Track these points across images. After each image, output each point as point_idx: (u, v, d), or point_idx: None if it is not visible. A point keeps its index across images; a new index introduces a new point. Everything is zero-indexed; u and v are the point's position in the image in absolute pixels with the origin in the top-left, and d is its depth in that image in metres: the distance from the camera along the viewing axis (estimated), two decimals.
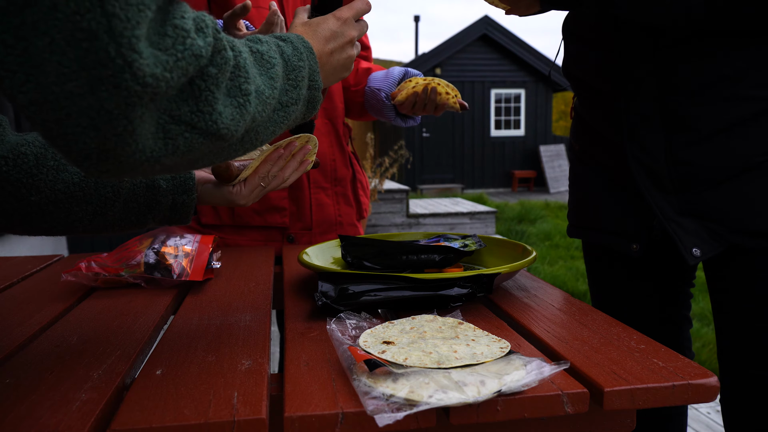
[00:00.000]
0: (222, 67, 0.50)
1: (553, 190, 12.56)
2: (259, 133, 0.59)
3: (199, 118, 0.49)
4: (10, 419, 0.50)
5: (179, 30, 0.45)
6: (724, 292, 0.95)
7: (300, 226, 1.36)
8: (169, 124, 0.48)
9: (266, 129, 0.60)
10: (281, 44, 0.64)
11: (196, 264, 0.97)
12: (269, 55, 0.60)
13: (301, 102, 0.65)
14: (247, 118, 0.54)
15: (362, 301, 0.76)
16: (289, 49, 0.64)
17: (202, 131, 0.50)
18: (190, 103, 0.48)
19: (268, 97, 0.57)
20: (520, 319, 0.77)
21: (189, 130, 0.49)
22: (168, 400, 0.53)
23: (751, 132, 0.87)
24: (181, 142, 0.49)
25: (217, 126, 0.50)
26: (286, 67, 0.62)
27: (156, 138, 0.47)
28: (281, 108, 0.61)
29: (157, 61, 0.43)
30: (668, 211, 0.94)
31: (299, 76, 0.64)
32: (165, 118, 0.47)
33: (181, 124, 0.48)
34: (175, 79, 0.45)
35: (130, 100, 0.43)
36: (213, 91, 0.49)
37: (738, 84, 0.87)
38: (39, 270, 1.11)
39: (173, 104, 0.47)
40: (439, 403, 0.51)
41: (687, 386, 0.57)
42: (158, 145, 0.48)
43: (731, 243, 0.90)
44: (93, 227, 0.77)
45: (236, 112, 0.52)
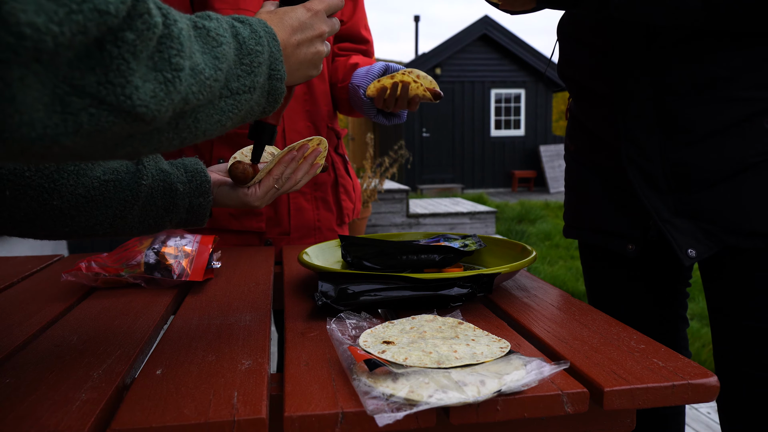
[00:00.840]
0: (143, 33, 0.42)
1: (553, 190, 12.57)
2: (200, 121, 0.52)
3: (108, 90, 0.41)
4: (10, 419, 0.50)
5: None
6: (719, 292, 0.96)
7: (278, 231, 1.36)
8: (68, 96, 0.39)
9: (210, 117, 0.53)
10: (237, 25, 0.58)
11: (196, 264, 0.97)
12: (217, 32, 0.53)
13: (258, 91, 0.59)
14: (175, 98, 0.46)
15: (362, 301, 0.76)
16: (246, 31, 0.58)
17: (113, 107, 0.41)
18: (97, 72, 0.40)
19: (208, 77, 0.50)
20: (520, 319, 0.77)
21: (95, 105, 0.41)
22: (168, 400, 0.53)
23: (745, 133, 0.88)
24: (84, 119, 0.41)
25: (131, 101, 0.42)
26: (239, 49, 0.56)
27: (51, 111, 0.39)
28: (230, 95, 0.55)
29: (40, 9, 0.35)
30: (663, 211, 0.94)
31: (255, 62, 0.58)
32: (64, 87, 0.39)
33: (86, 97, 0.40)
34: (66, 35, 0.37)
35: (3, 56, 0.35)
36: (128, 60, 0.41)
37: (732, 85, 0.87)
38: (39, 270, 1.11)
39: (76, 72, 0.39)
40: (439, 403, 0.51)
41: (687, 386, 0.57)
42: (54, 120, 0.39)
43: (726, 243, 0.90)
44: (113, 230, 0.77)
45: (160, 88, 0.45)
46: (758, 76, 0.86)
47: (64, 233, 0.75)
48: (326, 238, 1.38)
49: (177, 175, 0.82)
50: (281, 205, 1.34)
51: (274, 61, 0.61)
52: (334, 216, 1.42)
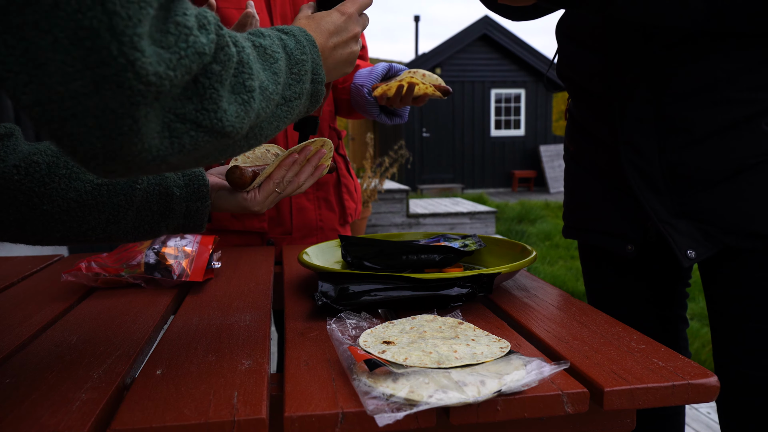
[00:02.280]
0: (225, 63, 0.49)
1: (553, 190, 12.56)
2: (264, 129, 0.59)
3: (204, 116, 0.48)
4: (10, 419, 0.50)
5: (182, 27, 0.44)
6: (719, 293, 0.96)
7: (280, 231, 1.35)
8: (174, 123, 0.47)
9: (270, 125, 0.60)
10: (284, 37, 0.63)
11: (196, 265, 0.97)
12: (272, 49, 0.59)
13: (305, 96, 0.65)
14: (251, 115, 0.53)
15: (362, 301, 0.76)
16: (292, 42, 0.63)
17: (208, 129, 0.49)
18: (194, 101, 0.48)
19: (272, 92, 0.57)
20: (520, 319, 0.77)
21: (194, 129, 0.48)
22: (168, 400, 0.53)
23: (743, 134, 0.88)
24: (186, 141, 0.49)
25: (222, 124, 0.50)
26: (289, 60, 0.62)
27: (162, 137, 0.47)
28: (284, 103, 0.61)
29: (160, 59, 0.43)
30: (662, 213, 0.94)
31: (302, 70, 0.63)
32: (170, 116, 0.47)
33: (187, 123, 0.48)
34: (178, 77, 0.44)
35: (134, 99, 0.42)
36: (217, 89, 0.49)
37: (730, 87, 0.87)
38: (39, 270, 1.11)
39: (178, 103, 0.47)
40: (439, 403, 0.51)
41: (687, 386, 0.57)
42: (164, 144, 0.47)
43: (725, 244, 0.90)
44: (106, 236, 0.76)
45: (241, 109, 0.52)
46: (756, 78, 0.86)
47: (56, 238, 0.73)
48: (328, 238, 1.38)
49: (173, 179, 0.80)
50: (283, 205, 1.34)
51: (315, 67, 0.66)
52: (337, 216, 1.42)
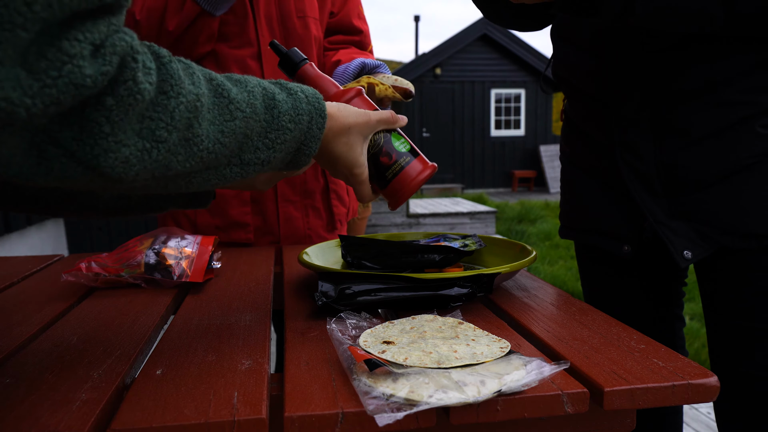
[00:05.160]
0: (124, 99, 0.43)
1: (553, 189, 12.56)
2: (194, 183, 0.53)
3: (80, 147, 0.43)
4: (10, 419, 0.50)
5: (61, 54, 0.39)
6: (715, 292, 0.96)
7: (269, 240, 1.35)
8: (45, 144, 0.42)
9: (206, 180, 0.54)
10: (279, 96, 0.59)
11: (197, 265, 0.97)
12: (238, 105, 0.54)
13: (276, 163, 0.60)
14: (150, 165, 0.47)
15: (362, 301, 0.76)
16: (286, 106, 0.59)
17: (81, 162, 0.43)
18: (74, 129, 0.42)
19: (203, 149, 0.51)
20: (520, 319, 0.77)
21: (66, 157, 0.43)
22: (168, 400, 0.53)
23: (739, 136, 0.88)
24: (56, 167, 0.43)
25: (97, 161, 0.44)
26: (269, 123, 0.57)
27: (28, 155, 0.42)
28: (240, 164, 0.56)
29: (17, 85, 0.38)
30: (658, 213, 0.95)
31: (280, 139, 0.58)
32: (42, 137, 0.42)
33: (60, 148, 0.42)
34: (39, 107, 0.39)
35: None
36: (101, 123, 0.43)
37: (726, 89, 0.87)
38: (39, 270, 1.11)
39: (54, 126, 0.42)
40: (439, 403, 0.51)
41: (687, 386, 0.57)
42: (29, 162, 0.42)
43: (721, 244, 0.91)
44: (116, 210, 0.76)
45: (135, 155, 0.46)
46: (751, 81, 0.87)
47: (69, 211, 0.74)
48: None
49: None
50: (270, 214, 1.33)
51: (309, 138, 0.62)
52: (324, 223, 1.41)
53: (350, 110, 0.67)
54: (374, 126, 0.68)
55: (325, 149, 0.67)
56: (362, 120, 0.68)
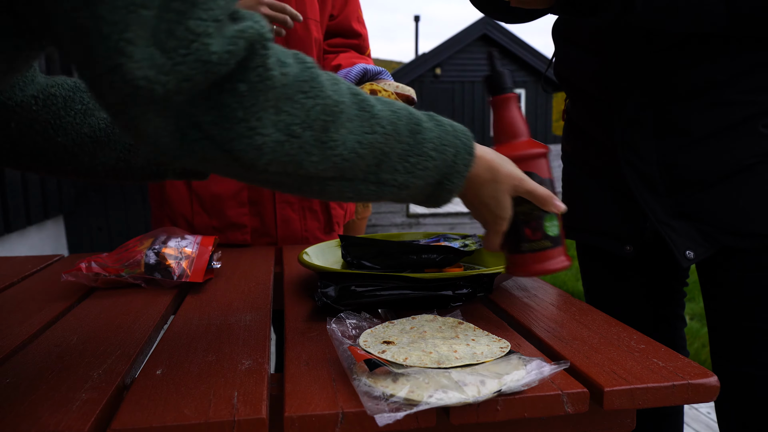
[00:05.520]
0: (255, 85, 0.47)
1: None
2: (327, 192, 0.55)
3: (217, 131, 0.47)
4: (10, 419, 0.50)
5: (188, 32, 0.43)
6: (716, 292, 0.96)
7: (266, 241, 1.35)
8: (188, 128, 0.47)
9: (341, 192, 0.56)
10: (424, 122, 0.59)
11: (196, 266, 0.97)
12: (379, 120, 0.55)
13: (414, 190, 0.59)
14: (281, 157, 0.50)
15: (362, 301, 0.76)
16: (431, 134, 0.59)
17: (219, 145, 0.48)
18: (213, 114, 0.46)
19: (338, 155, 0.52)
20: (520, 319, 0.77)
21: (205, 139, 0.47)
22: (168, 400, 0.53)
23: (741, 135, 0.88)
24: (197, 149, 0.48)
25: (231, 145, 0.47)
26: (410, 147, 0.57)
27: (173, 137, 0.47)
28: (376, 183, 0.56)
29: (153, 64, 0.42)
30: (660, 213, 0.95)
31: (421, 165, 0.58)
32: (186, 121, 0.46)
33: (201, 131, 0.47)
34: (172, 83, 0.43)
35: (125, 100, 0.43)
36: (235, 109, 0.46)
37: (728, 89, 0.87)
38: (39, 270, 1.11)
39: (196, 110, 0.46)
40: (439, 403, 0.51)
41: (687, 386, 0.57)
42: (174, 144, 0.47)
43: (723, 244, 0.91)
44: (115, 174, 0.76)
45: (268, 144, 0.49)
46: (753, 80, 0.86)
47: (67, 171, 0.75)
48: None
49: None
50: (267, 216, 1.33)
51: (453, 173, 0.60)
52: (321, 225, 1.41)
53: (507, 162, 0.65)
54: (525, 191, 0.65)
55: (472, 190, 0.64)
56: (517, 176, 0.65)
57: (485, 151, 0.64)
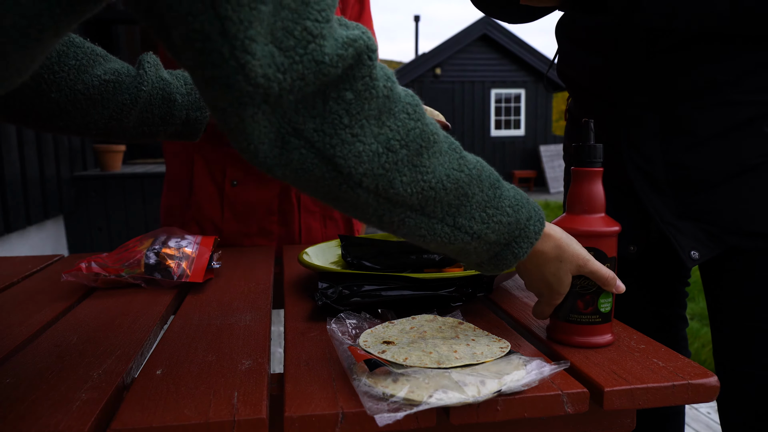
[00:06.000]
0: (361, 94, 0.48)
1: (553, 189, 12.56)
2: (407, 224, 0.55)
3: (319, 137, 0.47)
4: (10, 419, 0.50)
5: (305, 32, 0.44)
6: (721, 292, 0.96)
7: None
8: (289, 136, 0.47)
9: (417, 226, 0.55)
10: (504, 183, 0.60)
11: (196, 266, 0.97)
12: (466, 161, 0.56)
13: (484, 246, 0.59)
14: (377, 170, 0.50)
15: (362, 301, 0.76)
16: (510, 192, 0.60)
17: (318, 152, 0.48)
18: (316, 121, 0.47)
19: (426, 185, 0.53)
20: (520, 319, 0.77)
21: (306, 147, 0.47)
22: (168, 400, 0.53)
23: (746, 135, 0.88)
24: (295, 157, 0.48)
25: (333, 151, 0.48)
26: (491, 198, 0.58)
27: (272, 145, 0.47)
28: (452, 226, 0.56)
29: (272, 62, 0.43)
30: (665, 214, 0.94)
31: (495, 219, 0.58)
32: (287, 128, 0.47)
33: (301, 139, 0.47)
34: (288, 82, 0.44)
35: (241, 99, 0.43)
36: (341, 116, 0.47)
37: (734, 89, 0.87)
38: (39, 270, 1.11)
39: (299, 117, 0.46)
40: (439, 403, 0.51)
41: (687, 386, 0.57)
42: (273, 152, 0.47)
43: (728, 245, 0.91)
44: (106, 131, 0.76)
45: (367, 153, 0.49)
46: (758, 81, 0.86)
47: (57, 127, 0.74)
48: None
49: (177, 86, 0.81)
50: (293, 225, 1.34)
51: (523, 237, 0.60)
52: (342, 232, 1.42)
53: (574, 242, 0.65)
54: (589, 272, 0.64)
55: (534, 264, 0.64)
56: (582, 257, 0.64)
57: (554, 229, 0.64)
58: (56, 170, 3.72)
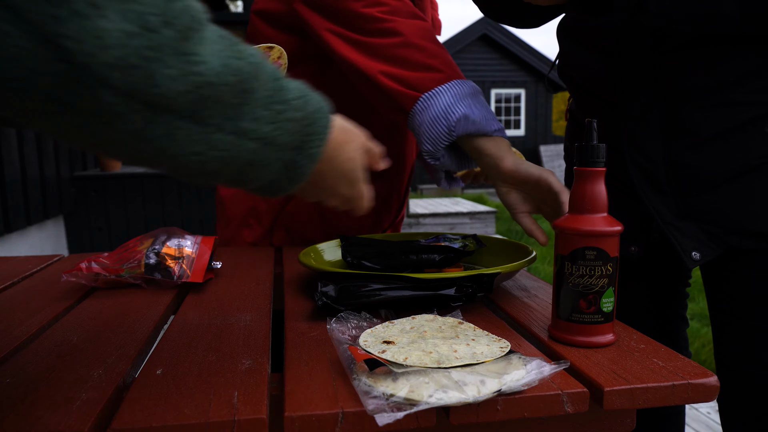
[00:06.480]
0: None
1: None
2: (176, 137, 0.41)
3: (34, 4, 0.32)
4: (10, 419, 0.50)
5: None
6: (723, 293, 0.96)
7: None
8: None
9: (186, 141, 0.41)
10: (280, 76, 0.48)
11: (197, 266, 0.97)
12: (244, 49, 0.44)
13: (274, 155, 0.47)
14: (132, 59, 0.36)
15: (362, 301, 0.76)
16: (293, 84, 0.49)
17: (32, 28, 0.33)
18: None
19: (205, 77, 0.40)
20: (520, 319, 0.77)
21: (11, 19, 0.32)
22: (168, 400, 0.53)
23: (748, 136, 0.88)
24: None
25: (56, 27, 0.33)
26: (273, 92, 0.47)
27: None
28: (234, 132, 0.44)
29: None
30: (667, 214, 0.94)
31: (285, 116, 0.47)
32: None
33: (3, 7, 0.32)
34: None
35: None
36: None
37: (736, 89, 0.87)
38: (39, 270, 1.11)
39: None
40: (439, 403, 0.51)
41: (687, 386, 0.57)
42: None
43: (729, 245, 0.91)
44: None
45: (113, 33, 0.35)
46: (760, 81, 0.86)
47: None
48: None
49: None
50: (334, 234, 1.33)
51: (313, 134, 0.50)
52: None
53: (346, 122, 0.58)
54: (369, 147, 0.59)
55: (328, 157, 0.55)
56: (359, 133, 0.60)
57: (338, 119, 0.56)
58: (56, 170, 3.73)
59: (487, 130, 0.90)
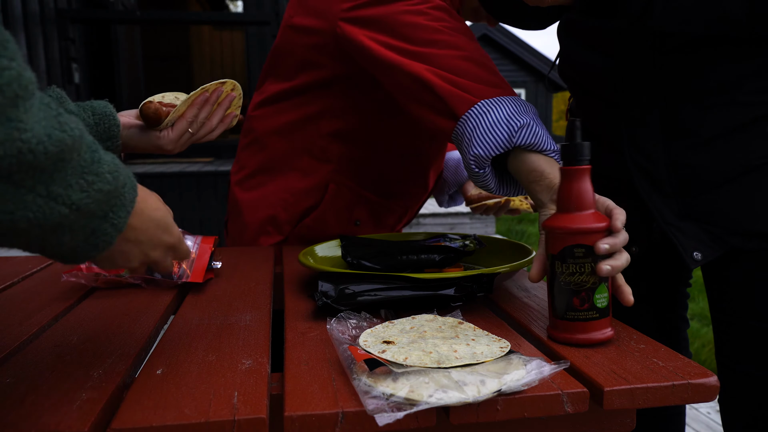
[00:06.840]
0: None
1: None
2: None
3: None
4: (10, 419, 0.50)
5: None
6: (725, 293, 0.96)
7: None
8: None
9: (2, 196, 0.43)
10: (101, 152, 0.50)
11: (197, 266, 0.97)
12: (67, 120, 0.46)
13: (79, 220, 0.49)
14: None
15: (362, 301, 0.76)
16: (108, 156, 0.51)
17: None
18: None
19: (28, 144, 0.42)
20: (520, 319, 0.77)
21: None
22: (168, 400, 0.53)
23: (750, 136, 0.88)
24: None
25: None
26: (86, 164, 0.48)
27: None
28: (45, 196, 0.45)
29: None
30: (668, 215, 0.94)
31: (96, 187, 0.49)
32: None
33: None
34: None
35: None
36: None
37: (738, 90, 0.87)
38: (39, 270, 1.11)
39: None
40: (439, 403, 0.51)
41: (687, 386, 0.57)
42: None
43: (731, 245, 0.91)
44: None
45: None
46: (762, 82, 0.86)
47: None
48: None
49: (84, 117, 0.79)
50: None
51: (118, 206, 0.53)
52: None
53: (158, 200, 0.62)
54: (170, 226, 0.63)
55: (139, 214, 0.58)
56: (164, 209, 0.63)
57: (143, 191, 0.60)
58: None
59: (547, 147, 0.89)
